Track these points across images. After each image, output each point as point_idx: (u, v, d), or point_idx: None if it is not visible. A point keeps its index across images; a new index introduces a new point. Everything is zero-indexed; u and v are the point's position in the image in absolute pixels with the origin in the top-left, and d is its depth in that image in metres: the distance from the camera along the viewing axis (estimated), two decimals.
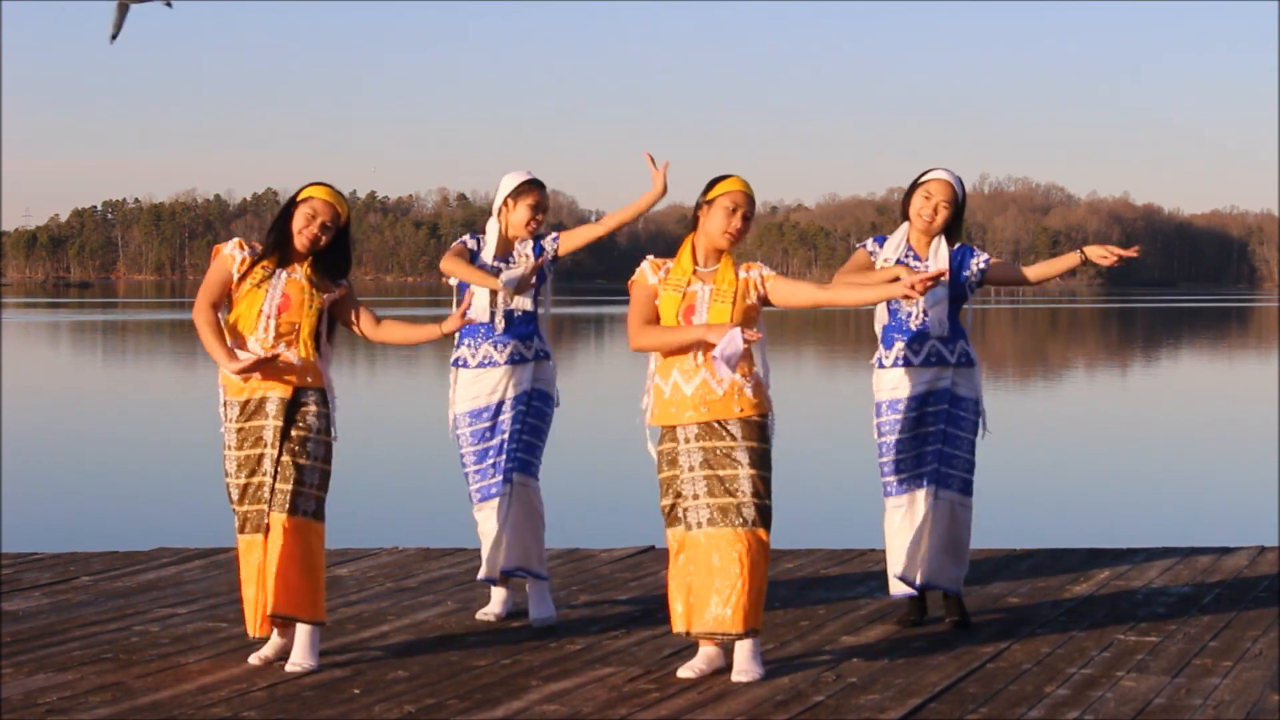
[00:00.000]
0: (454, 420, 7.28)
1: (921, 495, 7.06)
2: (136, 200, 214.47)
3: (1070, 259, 7.14)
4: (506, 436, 7.17)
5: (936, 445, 7.08)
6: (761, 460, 6.14)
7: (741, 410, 6.13)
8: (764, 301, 6.26)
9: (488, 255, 7.25)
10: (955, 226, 7.17)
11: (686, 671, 6.16)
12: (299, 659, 6.32)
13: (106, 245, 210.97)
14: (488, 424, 7.20)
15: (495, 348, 7.20)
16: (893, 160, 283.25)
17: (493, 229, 7.28)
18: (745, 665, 6.14)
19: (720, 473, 6.11)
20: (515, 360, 7.19)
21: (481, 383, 7.21)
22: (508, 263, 7.25)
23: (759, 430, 6.15)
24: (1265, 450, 18.28)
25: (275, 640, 6.44)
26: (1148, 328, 63.14)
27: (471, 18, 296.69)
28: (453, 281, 7.28)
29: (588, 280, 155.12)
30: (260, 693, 5.96)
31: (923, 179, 7.17)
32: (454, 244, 7.38)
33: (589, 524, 11.51)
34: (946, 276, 6.89)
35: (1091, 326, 65.79)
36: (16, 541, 10.74)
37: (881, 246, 7.23)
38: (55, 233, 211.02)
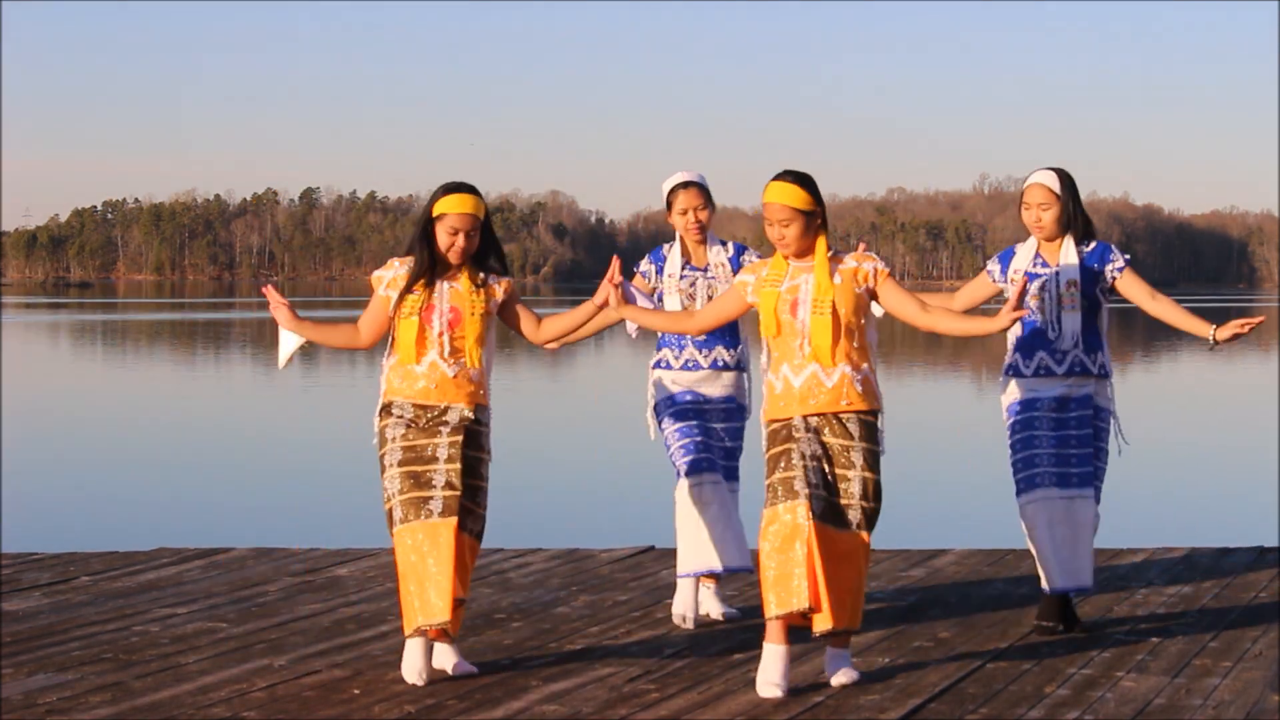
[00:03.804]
0: (654, 407, 7.30)
1: (1067, 496, 6.91)
2: (136, 200, 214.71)
3: (1198, 328, 6.83)
4: (710, 437, 7.19)
5: (1088, 449, 6.94)
6: (875, 462, 6.09)
7: (850, 403, 6.07)
8: (872, 295, 6.21)
9: (674, 264, 7.41)
10: (1079, 223, 7.00)
11: (773, 691, 5.92)
12: (461, 664, 6.25)
13: (106, 245, 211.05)
14: (689, 405, 7.22)
15: (699, 351, 7.29)
16: (893, 160, 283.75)
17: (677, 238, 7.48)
18: (843, 667, 6.08)
19: (835, 470, 6.07)
20: (717, 366, 7.27)
21: (684, 378, 7.26)
22: (703, 271, 7.35)
23: (873, 431, 6.11)
24: (1265, 450, 18.28)
25: (427, 662, 6.22)
26: (1148, 328, 63.13)
27: (471, 18, 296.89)
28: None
29: (588, 280, 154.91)
30: (260, 693, 5.97)
31: (1023, 187, 7.06)
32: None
33: (589, 524, 11.48)
34: (1030, 302, 6.86)
35: None
36: (16, 541, 10.74)
37: (1007, 263, 7.10)
38: (55, 233, 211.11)
